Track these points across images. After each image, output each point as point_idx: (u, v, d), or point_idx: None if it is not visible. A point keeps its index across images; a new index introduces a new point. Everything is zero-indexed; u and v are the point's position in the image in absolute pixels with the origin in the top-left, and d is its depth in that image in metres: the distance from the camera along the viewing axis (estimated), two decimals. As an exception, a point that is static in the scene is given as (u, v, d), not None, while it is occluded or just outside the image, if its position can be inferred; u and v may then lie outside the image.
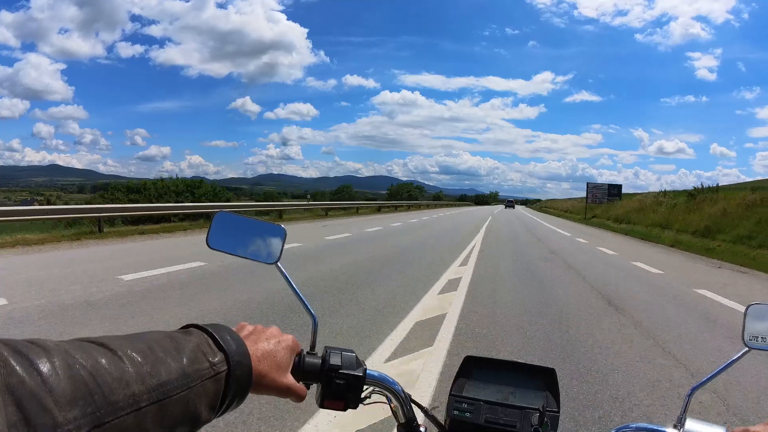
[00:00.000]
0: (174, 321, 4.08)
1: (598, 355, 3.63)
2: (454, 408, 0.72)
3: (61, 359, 0.37)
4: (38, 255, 7.76)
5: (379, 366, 3.10)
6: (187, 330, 0.51)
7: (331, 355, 0.62)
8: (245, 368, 0.50)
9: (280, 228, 0.72)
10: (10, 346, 0.36)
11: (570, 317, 4.79)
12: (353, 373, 0.62)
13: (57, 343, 0.39)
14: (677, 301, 5.98)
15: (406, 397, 0.68)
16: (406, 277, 6.64)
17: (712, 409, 2.75)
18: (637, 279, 7.78)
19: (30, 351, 0.36)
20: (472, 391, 0.75)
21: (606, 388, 2.97)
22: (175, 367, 0.44)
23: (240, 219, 0.73)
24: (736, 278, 8.57)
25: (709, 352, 3.89)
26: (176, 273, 6.16)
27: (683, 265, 10.34)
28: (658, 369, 3.39)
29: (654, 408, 2.74)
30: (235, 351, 0.50)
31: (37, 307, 4.30)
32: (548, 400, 0.73)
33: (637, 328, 4.49)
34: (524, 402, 0.72)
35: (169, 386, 0.43)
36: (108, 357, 0.40)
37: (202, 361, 0.47)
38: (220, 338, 0.50)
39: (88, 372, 0.38)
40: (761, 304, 0.73)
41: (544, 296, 5.86)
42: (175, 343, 0.46)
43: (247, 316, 4.43)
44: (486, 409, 0.71)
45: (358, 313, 4.57)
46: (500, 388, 0.75)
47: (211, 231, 0.71)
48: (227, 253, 0.71)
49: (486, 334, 4.07)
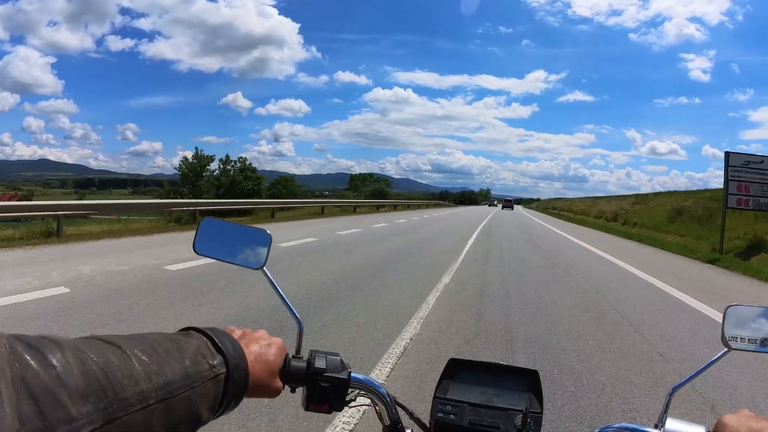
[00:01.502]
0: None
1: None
2: (439, 410, 0.73)
3: (74, 355, 0.37)
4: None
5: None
6: (187, 332, 0.52)
7: (316, 358, 0.63)
8: (242, 371, 0.52)
9: (266, 233, 0.73)
10: (24, 341, 0.36)
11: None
12: (338, 376, 0.63)
13: (68, 339, 0.39)
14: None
15: (391, 400, 0.70)
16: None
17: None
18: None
19: (43, 346, 0.37)
20: (456, 393, 0.76)
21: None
22: (178, 367, 0.45)
23: (226, 224, 0.74)
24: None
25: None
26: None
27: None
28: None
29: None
30: (233, 354, 0.52)
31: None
32: (531, 401, 0.74)
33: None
34: (508, 403, 0.73)
35: (174, 385, 0.44)
36: (117, 354, 0.41)
37: (202, 363, 0.48)
38: (218, 341, 0.51)
39: (100, 368, 0.38)
40: (739, 306, 0.74)
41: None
42: (177, 345, 0.48)
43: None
44: (470, 411, 0.72)
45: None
46: (484, 389, 0.76)
47: (198, 237, 0.72)
48: (214, 259, 0.72)
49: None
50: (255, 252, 0.72)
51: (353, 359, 3.35)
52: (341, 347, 3.58)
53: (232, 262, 0.72)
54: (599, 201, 41.63)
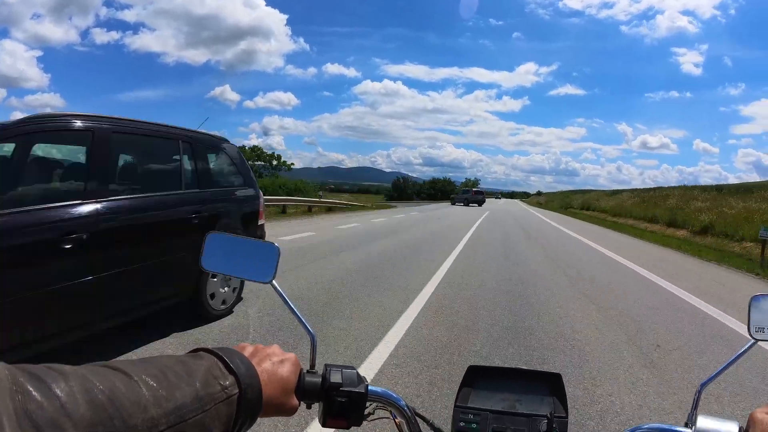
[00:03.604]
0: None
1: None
2: (460, 420, 0.71)
3: (79, 384, 0.36)
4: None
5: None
6: (197, 354, 0.51)
7: (332, 372, 0.62)
8: (256, 390, 0.51)
9: (273, 246, 0.72)
10: (26, 371, 0.35)
11: None
12: (355, 390, 0.61)
13: (73, 368, 0.38)
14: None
15: (411, 412, 0.68)
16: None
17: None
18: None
19: (47, 376, 0.36)
20: (477, 401, 0.74)
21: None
22: (188, 391, 0.44)
23: (232, 239, 0.73)
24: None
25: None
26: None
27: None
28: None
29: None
30: (245, 374, 0.50)
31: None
32: (555, 405, 0.72)
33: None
34: (531, 409, 0.71)
35: (185, 410, 0.43)
36: (124, 381, 0.40)
37: (214, 384, 0.47)
38: (230, 361, 0.50)
39: (107, 396, 0.37)
40: (765, 295, 0.72)
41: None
42: (187, 367, 0.47)
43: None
44: (492, 419, 0.70)
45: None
46: (506, 396, 0.74)
47: (205, 252, 0.71)
48: (222, 274, 0.71)
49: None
50: (263, 265, 0.71)
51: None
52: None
53: (240, 277, 0.71)
54: (622, 195, 33.01)
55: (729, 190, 22.26)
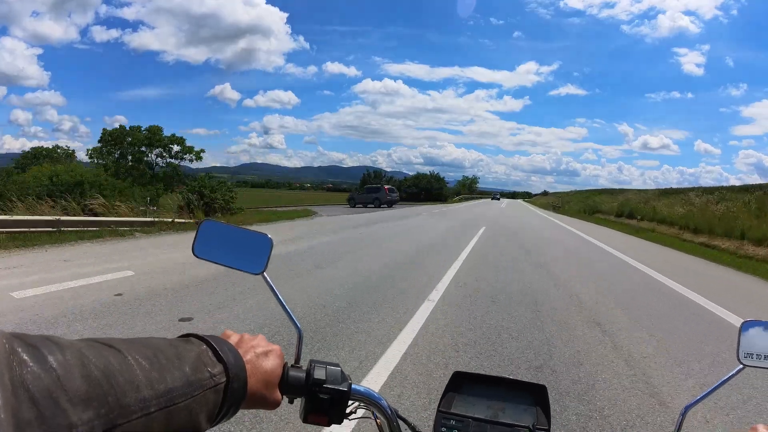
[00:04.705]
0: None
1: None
2: (442, 425, 0.71)
3: (75, 357, 0.36)
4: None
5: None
6: (187, 339, 0.51)
7: (316, 368, 0.61)
8: (242, 381, 0.51)
9: (267, 237, 0.71)
10: (24, 340, 0.35)
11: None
12: (338, 387, 0.61)
13: (70, 341, 0.38)
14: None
15: (393, 413, 0.67)
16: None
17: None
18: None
19: (44, 345, 0.35)
20: (460, 407, 0.74)
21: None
22: (179, 375, 0.44)
23: (226, 227, 0.72)
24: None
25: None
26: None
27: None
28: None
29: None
30: (233, 363, 0.50)
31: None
32: (539, 417, 0.72)
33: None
34: (514, 419, 0.71)
35: (175, 393, 0.43)
36: (118, 359, 0.39)
37: (203, 371, 0.47)
38: (219, 350, 0.50)
39: (102, 372, 0.37)
40: (755, 321, 0.72)
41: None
42: (177, 351, 0.47)
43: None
44: (474, 427, 0.70)
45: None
46: (490, 404, 0.74)
47: (197, 239, 0.70)
48: (213, 263, 0.69)
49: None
50: (255, 256, 0.69)
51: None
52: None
53: (231, 267, 0.69)
54: (688, 195, 22.55)
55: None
